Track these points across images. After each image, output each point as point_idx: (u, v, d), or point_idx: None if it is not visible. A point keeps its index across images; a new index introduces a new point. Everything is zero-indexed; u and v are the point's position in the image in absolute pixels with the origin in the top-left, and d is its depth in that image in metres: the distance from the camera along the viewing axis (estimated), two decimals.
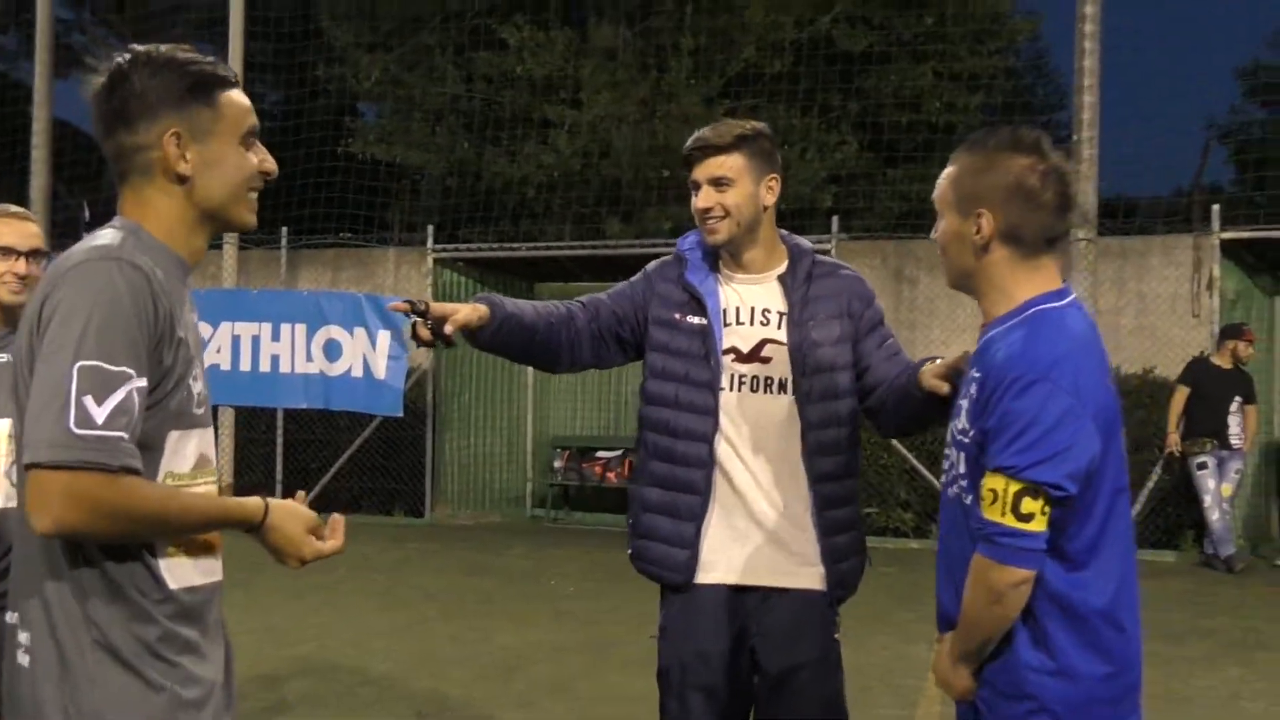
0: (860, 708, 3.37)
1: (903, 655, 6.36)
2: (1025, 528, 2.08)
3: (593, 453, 12.29)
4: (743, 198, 3.00)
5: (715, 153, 3.01)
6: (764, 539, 3.00)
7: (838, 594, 3.06)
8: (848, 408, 3.05)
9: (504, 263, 12.59)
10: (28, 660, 1.85)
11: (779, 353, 3.02)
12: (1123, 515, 2.21)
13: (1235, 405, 9.49)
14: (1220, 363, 9.55)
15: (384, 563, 9.27)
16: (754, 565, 3.00)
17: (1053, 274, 2.27)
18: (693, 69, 15.47)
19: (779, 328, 3.04)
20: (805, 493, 3.00)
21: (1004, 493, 2.09)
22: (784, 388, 3.02)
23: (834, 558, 3.02)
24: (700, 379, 3.02)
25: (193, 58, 1.96)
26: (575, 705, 5.59)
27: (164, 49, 1.96)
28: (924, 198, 2.37)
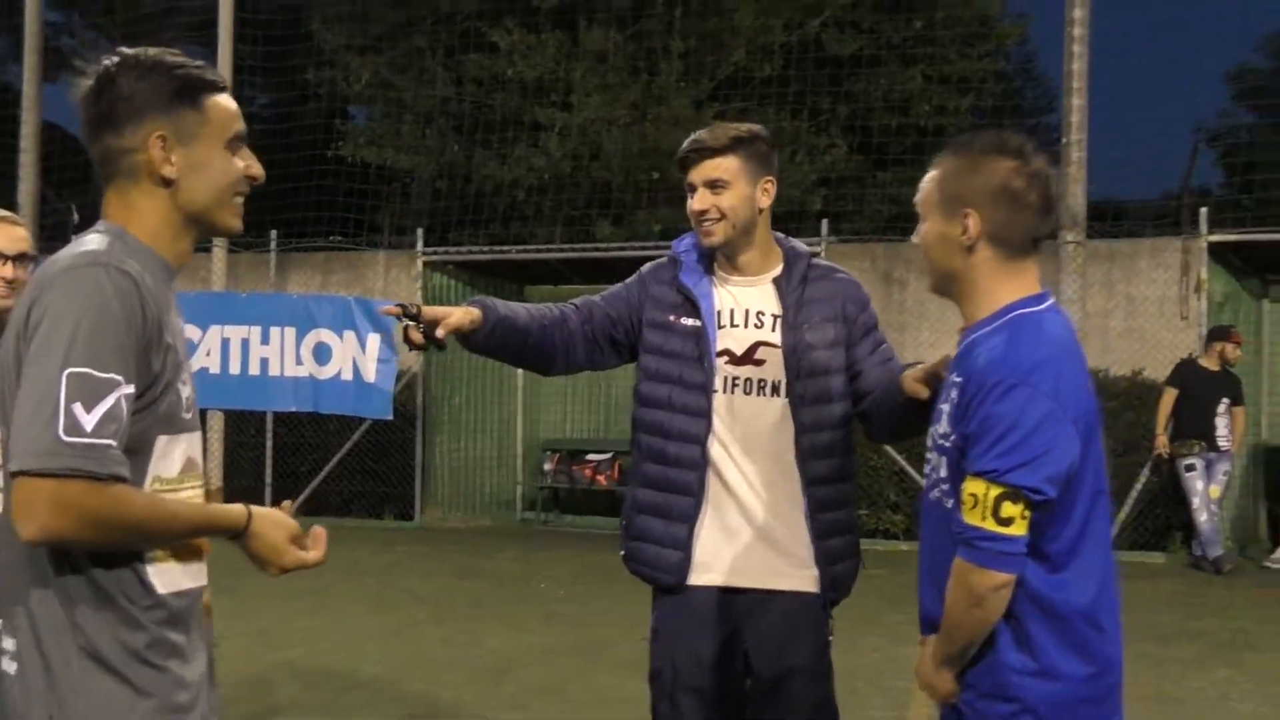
0: (850, 710, 3.37)
1: (892, 657, 6.36)
2: (1005, 532, 2.10)
3: (583, 455, 12.28)
4: (738, 200, 3.00)
5: (711, 155, 3.01)
6: (757, 540, 3.00)
7: (831, 596, 3.06)
8: (841, 411, 3.05)
9: (494, 265, 12.58)
10: (14, 668, 1.84)
11: (773, 355, 3.02)
12: (1102, 517, 2.23)
13: (1223, 407, 9.53)
14: (1208, 365, 9.58)
15: (374, 566, 9.25)
16: (747, 567, 3.00)
17: (1033, 278, 2.30)
18: (683, 72, 15.48)
19: (773, 330, 3.04)
20: (799, 495, 3.00)
21: (984, 497, 2.10)
22: (777, 390, 3.02)
23: (828, 560, 3.02)
24: (694, 381, 3.02)
25: (180, 61, 1.96)
26: (566, 708, 5.59)
27: (152, 52, 1.96)
28: (913, 201, 2.38)
